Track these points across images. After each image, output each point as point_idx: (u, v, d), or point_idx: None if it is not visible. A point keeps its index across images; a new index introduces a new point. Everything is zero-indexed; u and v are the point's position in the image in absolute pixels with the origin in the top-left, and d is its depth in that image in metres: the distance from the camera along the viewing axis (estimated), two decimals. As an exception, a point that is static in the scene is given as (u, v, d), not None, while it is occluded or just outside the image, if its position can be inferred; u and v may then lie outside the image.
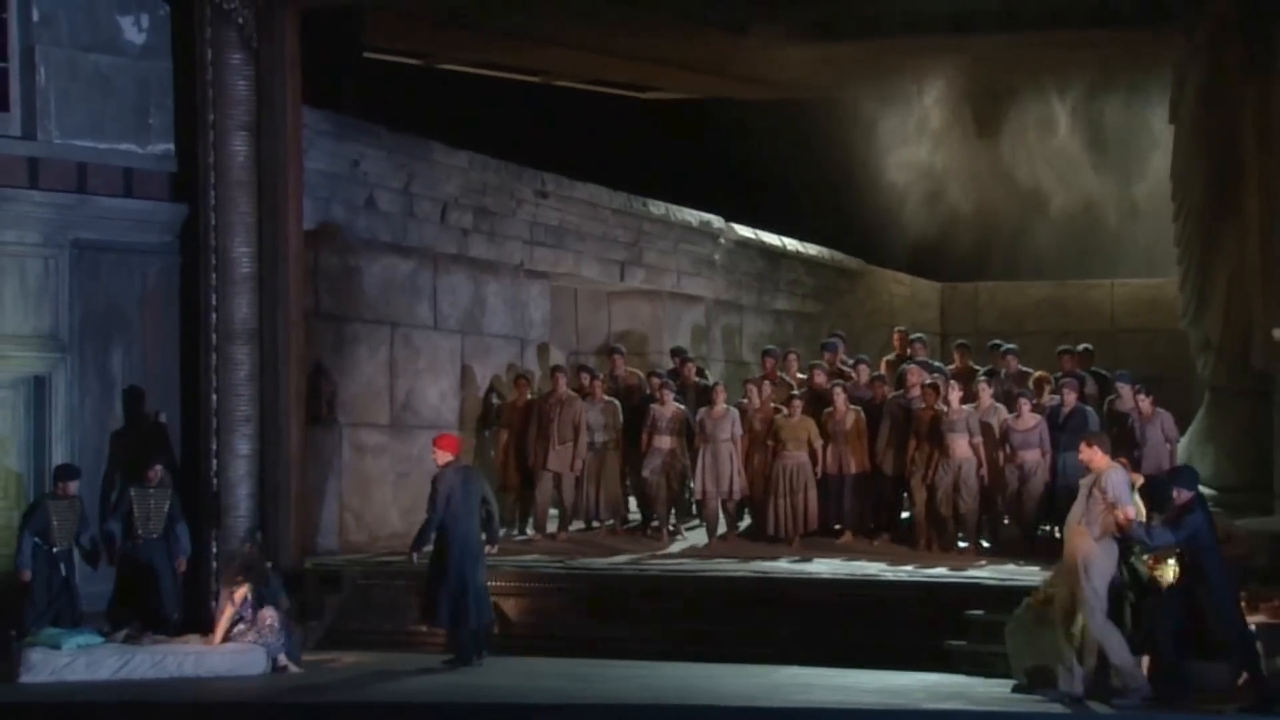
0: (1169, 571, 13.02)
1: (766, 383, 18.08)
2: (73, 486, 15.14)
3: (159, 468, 15.50)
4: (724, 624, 15.08)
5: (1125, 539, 12.51)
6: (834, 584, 15.44)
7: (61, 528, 14.96)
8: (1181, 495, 12.47)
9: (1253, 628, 12.73)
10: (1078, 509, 12.71)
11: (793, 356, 19.28)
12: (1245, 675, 12.41)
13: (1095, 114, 24.49)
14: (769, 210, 24.38)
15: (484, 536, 14.92)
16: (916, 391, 17.13)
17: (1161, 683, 12.41)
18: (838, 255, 26.08)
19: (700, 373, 19.28)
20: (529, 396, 18.40)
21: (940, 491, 16.63)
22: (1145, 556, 12.65)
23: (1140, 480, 13.22)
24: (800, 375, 18.70)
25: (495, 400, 19.17)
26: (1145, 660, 12.59)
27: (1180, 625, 12.34)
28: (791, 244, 24.84)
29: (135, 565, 15.27)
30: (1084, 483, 12.81)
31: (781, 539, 17.13)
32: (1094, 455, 12.78)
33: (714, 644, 14.82)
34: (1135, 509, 12.57)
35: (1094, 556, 12.50)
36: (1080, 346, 18.73)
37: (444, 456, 15.06)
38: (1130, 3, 20.78)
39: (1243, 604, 12.69)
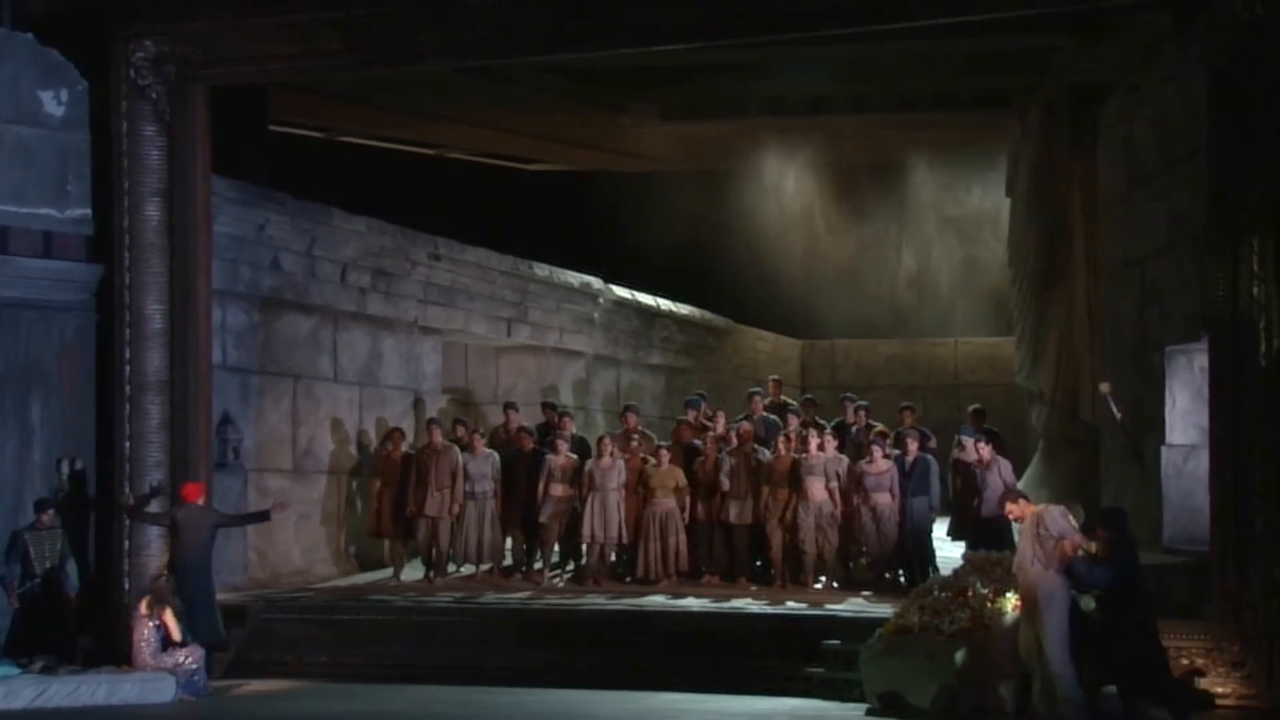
0: (1008, 604, 13.22)
1: (635, 436, 18.01)
2: None
3: (51, 512, 15.40)
4: (603, 653, 15.04)
5: (1067, 572, 12.31)
6: (703, 616, 15.49)
7: None
8: (1104, 535, 12.40)
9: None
10: (1025, 552, 12.52)
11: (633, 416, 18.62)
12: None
13: (938, 188, 24.91)
14: (644, 272, 24.53)
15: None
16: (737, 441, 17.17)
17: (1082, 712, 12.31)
18: (707, 314, 26.25)
19: (524, 428, 18.58)
20: (404, 449, 18.07)
21: (801, 531, 16.67)
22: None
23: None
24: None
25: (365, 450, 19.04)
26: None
27: (1099, 656, 12.29)
28: (665, 304, 24.99)
29: (33, 601, 15.12)
30: (1024, 529, 12.64)
31: (652, 580, 17.07)
32: (1020, 508, 12.74)
33: (593, 672, 14.78)
34: (1079, 537, 12.43)
35: (1054, 592, 12.30)
36: (972, 407, 18.14)
37: (189, 498, 15.57)
38: (968, 89, 21.24)
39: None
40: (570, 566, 18.01)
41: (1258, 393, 13.25)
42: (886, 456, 16.67)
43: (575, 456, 17.61)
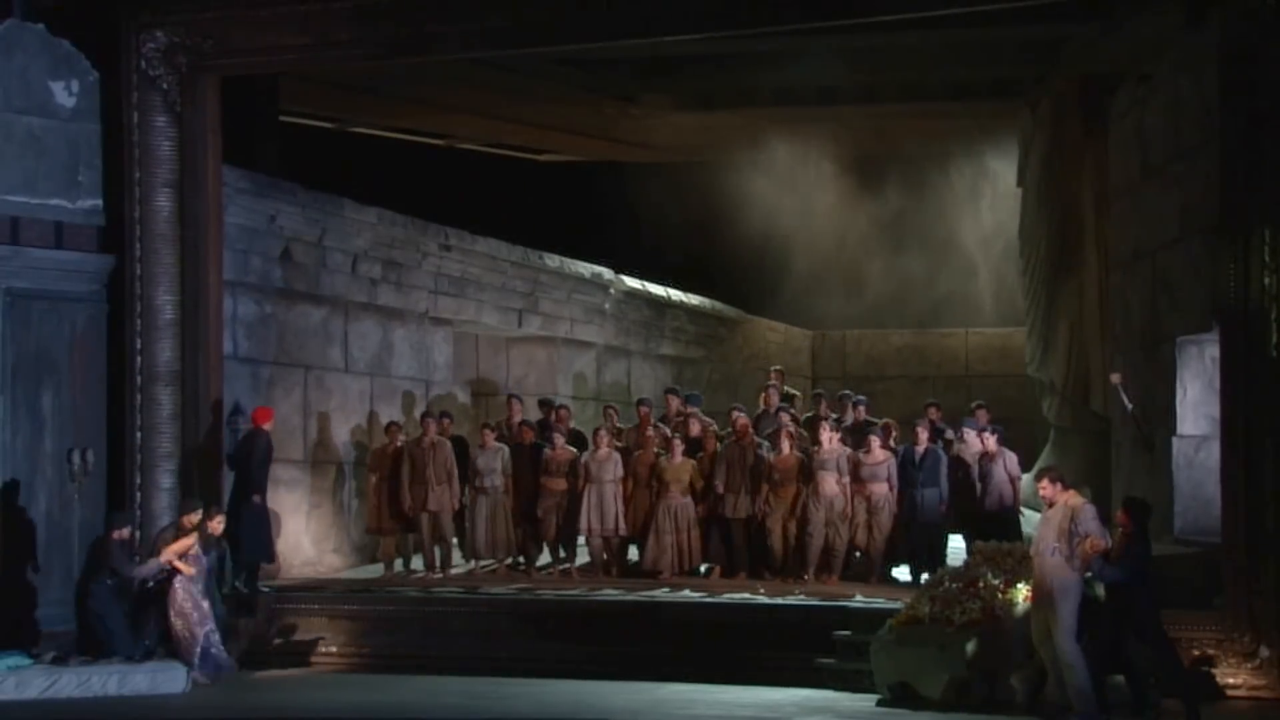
0: (1019, 595, 13.19)
1: (654, 427, 17.87)
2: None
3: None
4: (612, 645, 15.03)
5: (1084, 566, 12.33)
6: (713, 608, 15.44)
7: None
8: (1128, 526, 12.37)
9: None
10: (1046, 539, 12.44)
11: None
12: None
13: (949, 177, 24.83)
14: (654, 263, 24.50)
15: None
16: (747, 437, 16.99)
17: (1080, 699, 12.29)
18: (718, 305, 26.22)
19: (525, 422, 18.49)
20: (399, 443, 17.75)
21: (811, 525, 16.51)
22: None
23: None
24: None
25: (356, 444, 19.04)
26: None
27: (1103, 645, 12.28)
28: (675, 294, 24.95)
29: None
30: (1050, 515, 12.58)
31: (660, 573, 16.78)
32: (1053, 490, 12.58)
33: (603, 663, 14.78)
34: (1105, 541, 12.39)
35: (1069, 585, 12.29)
36: (974, 403, 17.52)
37: (261, 421, 16.76)
38: (979, 79, 21.17)
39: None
40: (568, 562, 17.78)
41: (1269, 383, 13.24)
42: (885, 447, 16.55)
43: (573, 450, 17.49)
